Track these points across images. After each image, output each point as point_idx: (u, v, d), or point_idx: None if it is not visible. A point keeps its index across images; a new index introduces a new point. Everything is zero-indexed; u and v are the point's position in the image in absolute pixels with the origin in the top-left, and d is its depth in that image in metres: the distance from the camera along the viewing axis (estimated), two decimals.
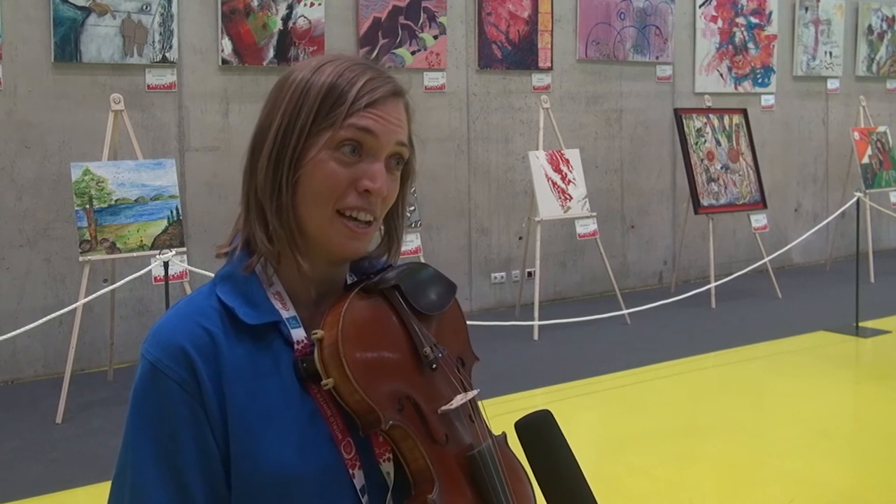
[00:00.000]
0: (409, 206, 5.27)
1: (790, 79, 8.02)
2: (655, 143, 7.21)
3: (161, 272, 4.06)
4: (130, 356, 4.99)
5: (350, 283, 1.13)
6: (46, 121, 4.92)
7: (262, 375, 1.02)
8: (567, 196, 5.88)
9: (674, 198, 7.34)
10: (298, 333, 1.05)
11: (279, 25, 5.51)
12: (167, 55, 5.18)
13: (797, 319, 6.03)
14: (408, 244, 5.31)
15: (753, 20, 7.68)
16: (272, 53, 5.50)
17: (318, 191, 1.04)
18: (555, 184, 5.85)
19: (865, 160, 7.45)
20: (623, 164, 7.06)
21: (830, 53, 8.20)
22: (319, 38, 5.65)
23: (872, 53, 8.53)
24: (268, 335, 1.04)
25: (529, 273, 6.26)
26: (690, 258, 7.32)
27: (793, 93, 8.05)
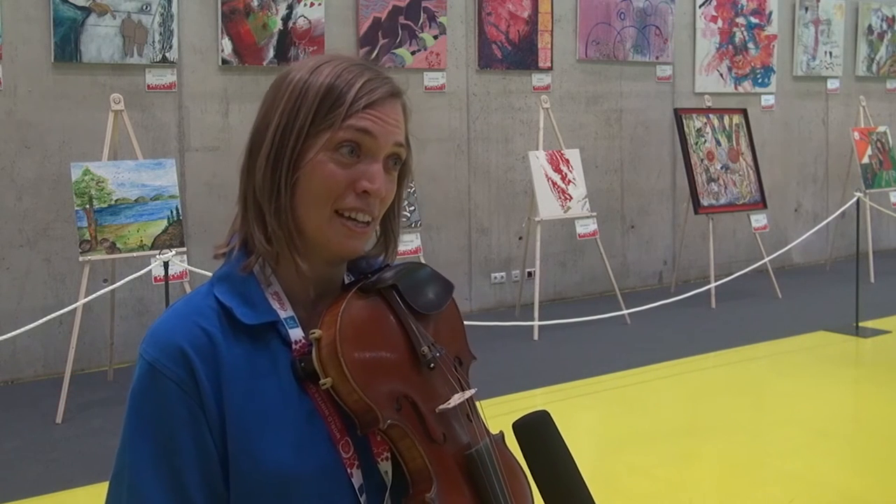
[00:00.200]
0: (409, 206, 5.27)
1: (790, 79, 8.02)
2: (655, 143, 7.21)
3: (161, 272, 4.07)
4: (130, 356, 4.99)
5: (348, 283, 1.13)
6: (46, 121, 4.92)
7: (260, 375, 1.02)
8: (567, 196, 5.89)
9: (674, 198, 7.34)
10: (296, 333, 1.05)
11: (279, 25, 5.52)
12: (167, 55, 5.18)
13: (797, 319, 6.03)
14: (408, 244, 5.30)
15: (753, 20, 7.68)
16: (272, 53, 5.50)
17: (317, 192, 1.04)
18: (555, 184, 5.85)
19: (865, 160, 7.45)
20: (623, 164, 7.06)
21: (830, 53, 8.20)
22: (319, 38, 5.65)
23: (872, 53, 8.52)
24: (266, 335, 1.04)
25: (529, 273, 6.26)
26: (690, 258, 7.32)
27: (793, 93, 8.05)
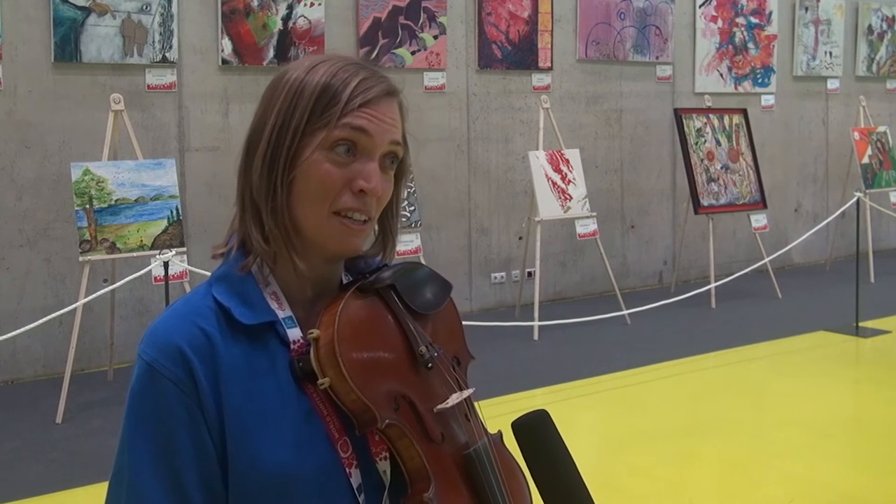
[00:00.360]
0: (409, 206, 5.27)
1: (790, 79, 8.02)
2: (655, 143, 7.21)
3: (161, 272, 4.07)
4: (130, 356, 4.99)
5: (346, 283, 1.13)
6: (46, 121, 4.92)
7: (259, 375, 1.02)
8: (567, 196, 5.89)
9: (674, 198, 7.34)
10: (294, 333, 1.05)
11: (279, 25, 5.52)
12: (167, 55, 5.18)
13: (797, 319, 6.03)
14: (408, 244, 5.30)
15: (753, 20, 7.68)
16: (272, 53, 5.50)
17: (314, 191, 1.04)
18: (555, 184, 5.85)
19: (865, 160, 7.45)
20: (623, 164, 7.06)
21: (830, 53, 8.20)
22: (319, 38, 5.65)
23: (872, 53, 8.52)
24: (264, 335, 1.04)
25: (529, 273, 6.26)
26: (690, 258, 7.32)
27: (793, 93, 8.05)
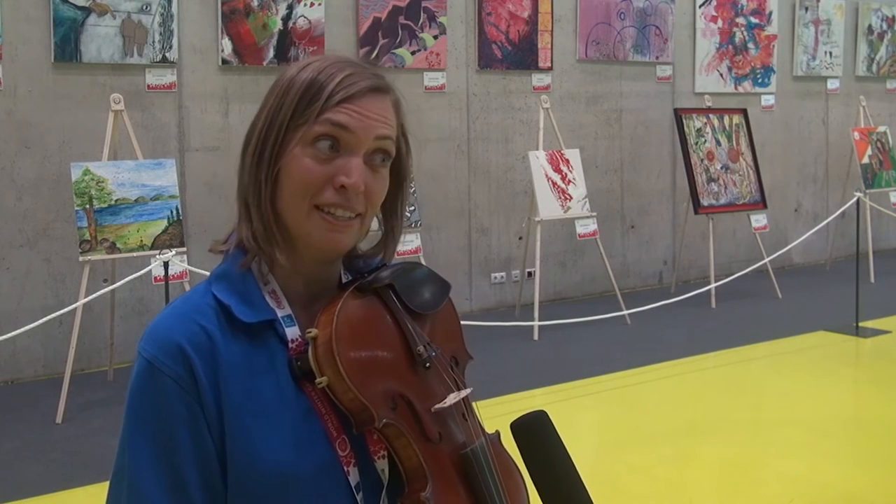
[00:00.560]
0: (410, 206, 5.27)
1: (790, 79, 8.02)
2: (655, 143, 7.21)
3: (161, 272, 4.07)
4: (130, 356, 4.97)
5: (345, 283, 1.13)
6: (46, 121, 4.93)
7: (258, 373, 1.02)
8: (567, 196, 5.89)
9: (674, 198, 7.34)
10: (293, 332, 1.05)
11: (279, 25, 5.52)
12: (167, 55, 5.18)
13: (797, 319, 6.03)
14: (408, 244, 5.31)
15: (753, 20, 7.68)
16: (272, 53, 5.51)
17: (294, 186, 1.04)
18: (555, 184, 5.86)
19: (865, 160, 7.45)
20: (623, 164, 7.06)
21: (830, 53, 8.20)
22: (319, 38, 5.65)
23: (872, 53, 8.52)
24: (263, 333, 1.04)
25: (529, 273, 6.26)
26: (690, 258, 7.32)
27: (793, 93, 8.05)
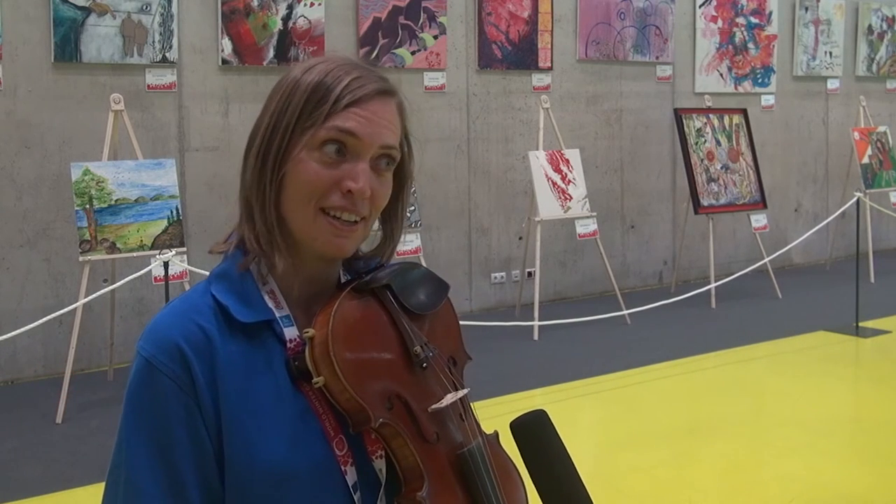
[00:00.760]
0: (409, 206, 5.27)
1: (790, 79, 8.02)
2: (655, 143, 7.21)
3: (161, 272, 4.07)
4: (130, 356, 4.94)
5: (343, 283, 1.13)
6: (46, 121, 4.93)
7: (256, 373, 1.03)
8: (567, 196, 5.89)
9: (674, 198, 7.34)
10: (291, 332, 1.06)
11: (279, 25, 5.52)
12: (167, 55, 5.18)
13: (797, 319, 6.03)
14: (408, 244, 5.31)
15: (753, 20, 7.68)
16: (272, 53, 5.51)
17: (300, 190, 1.04)
18: (555, 184, 5.86)
19: (865, 160, 7.45)
20: (623, 164, 7.06)
21: (830, 53, 8.20)
22: (319, 38, 5.65)
23: (872, 53, 8.52)
24: (261, 333, 1.05)
25: (529, 273, 6.26)
26: (690, 258, 7.32)
27: (793, 93, 8.05)
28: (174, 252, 4.21)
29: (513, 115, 6.51)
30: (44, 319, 4.26)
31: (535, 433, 1.14)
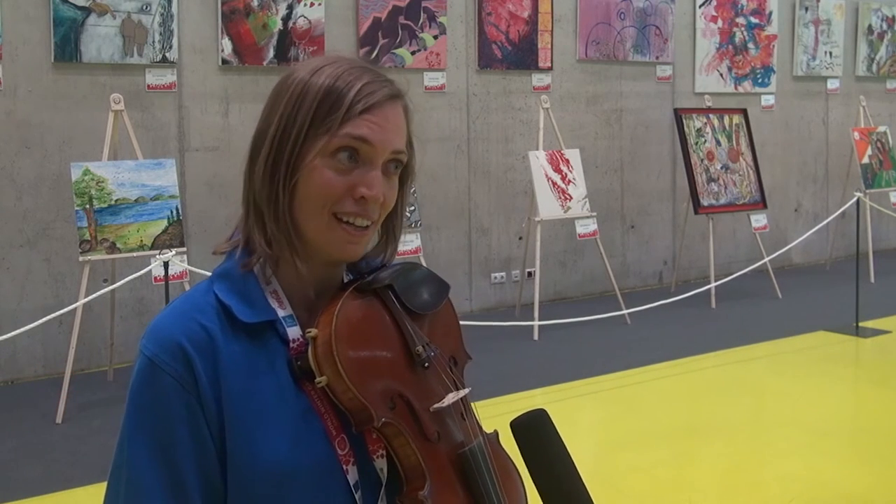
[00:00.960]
0: (409, 206, 5.27)
1: (790, 79, 8.02)
2: (655, 143, 7.21)
3: (161, 272, 4.07)
4: (131, 356, 4.99)
5: (345, 283, 1.14)
6: (46, 121, 4.93)
7: (258, 373, 1.03)
8: (567, 196, 5.89)
9: (674, 198, 7.34)
10: (294, 332, 1.06)
11: (279, 25, 5.52)
12: (167, 55, 5.18)
13: (797, 319, 6.03)
14: (408, 244, 5.31)
15: (753, 20, 7.68)
16: (272, 53, 5.51)
17: (314, 198, 1.04)
18: (555, 184, 5.86)
19: (865, 160, 7.45)
20: (623, 164, 7.06)
21: (830, 53, 8.20)
22: (319, 38, 5.65)
23: (872, 53, 8.53)
24: (264, 333, 1.05)
25: (529, 273, 6.26)
26: (690, 258, 7.32)
27: (793, 93, 8.05)
28: (174, 252, 4.21)
29: (513, 115, 6.51)
30: (44, 319, 4.26)
31: (536, 433, 1.15)
